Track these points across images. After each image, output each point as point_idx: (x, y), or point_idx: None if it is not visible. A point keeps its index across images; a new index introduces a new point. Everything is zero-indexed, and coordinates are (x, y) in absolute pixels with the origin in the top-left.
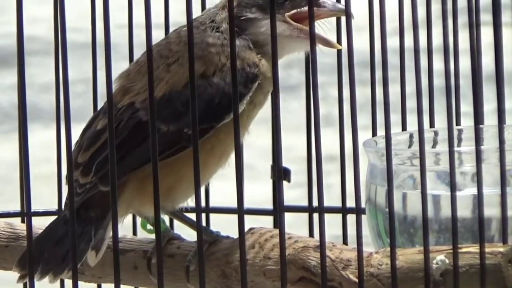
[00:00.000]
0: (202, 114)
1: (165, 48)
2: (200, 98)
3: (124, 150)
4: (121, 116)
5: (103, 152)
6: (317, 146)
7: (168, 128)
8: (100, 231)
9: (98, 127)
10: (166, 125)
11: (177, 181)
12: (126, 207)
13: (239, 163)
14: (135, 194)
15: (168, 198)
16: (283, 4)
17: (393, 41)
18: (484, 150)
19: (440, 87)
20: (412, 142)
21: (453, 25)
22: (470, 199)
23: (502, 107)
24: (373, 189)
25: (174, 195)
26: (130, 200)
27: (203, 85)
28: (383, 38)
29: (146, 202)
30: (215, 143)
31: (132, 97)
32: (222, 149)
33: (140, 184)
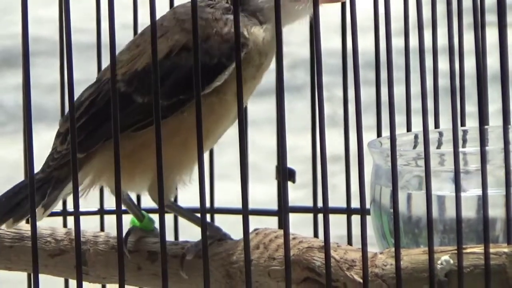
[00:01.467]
0: (179, 85)
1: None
2: (179, 69)
3: (98, 120)
4: (102, 87)
5: (81, 119)
6: (322, 147)
7: (143, 100)
8: (55, 192)
9: (82, 98)
10: (142, 97)
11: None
12: (94, 178)
13: (244, 163)
14: (106, 166)
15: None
16: None
17: (398, 42)
18: (489, 151)
19: (445, 88)
20: (417, 143)
21: (458, 25)
22: (474, 200)
23: (507, 108)
24: (378, 189)
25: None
26: (99, 171)
27: (184, 56)
28: (388, 39)
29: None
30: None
31: (117, 69)
32: (205, 127)
33: (111, 157)
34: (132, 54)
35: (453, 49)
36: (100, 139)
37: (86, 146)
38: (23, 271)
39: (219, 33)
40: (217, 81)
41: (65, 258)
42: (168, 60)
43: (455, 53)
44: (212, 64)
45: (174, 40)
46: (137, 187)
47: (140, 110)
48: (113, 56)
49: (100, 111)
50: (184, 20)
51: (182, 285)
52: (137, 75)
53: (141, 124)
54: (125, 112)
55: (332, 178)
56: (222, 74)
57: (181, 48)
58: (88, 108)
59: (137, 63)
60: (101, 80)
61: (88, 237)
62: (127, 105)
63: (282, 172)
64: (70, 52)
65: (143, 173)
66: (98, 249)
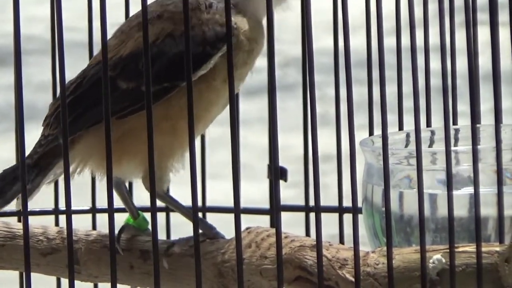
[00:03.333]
0: (164, 72)
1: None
2: (164, 56)
3: (83, 104)
4: (88, 72)
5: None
6: (314, 145)
7: (128, 86)
8: (38, 178)
9: (71, 81)
10: (126, 82)
11: (146, 152)
12: (79, 163)
13: (236, 161)
14: (91, 152)
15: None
16: None
17: (390, 41)
18: (480, 150)
19: (437, 87)
20: (408, 141)
21: (450, 24)
22: (466, 199)
23: (498, 107)
24: (370, 188)
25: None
26: (84, 156)
27: (169, 43)
28: (380, 38)
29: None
30: (183, 106)
31: None
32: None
33: (98, 143)
34: (119, 40)
35: (445, 48)
36: (84, 124)
37: (71, 131)
38: (15, 269)
39: (203, 22)
40: (202, 69)
41: (57, 257)
42: (153, 46)
43: (447, 52)
44: (197, 53)
45: (160, 28)
46: (126, 174)
47: (124, 96)
48: (105, 55)
49: (85, 94)
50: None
51: (174, 283)
52: (122, 61)
53: (126, 111)
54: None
55: (324, 178)
56: (207, 63)
57: (166, 35)
58: (73, 91)
59: (122, 49)
60: (90, 64)
61: (80, 235)
62: (112, 91)
63: (274, 171)
64: (62, 50)
65: (131, 160)
66: (90, 248)
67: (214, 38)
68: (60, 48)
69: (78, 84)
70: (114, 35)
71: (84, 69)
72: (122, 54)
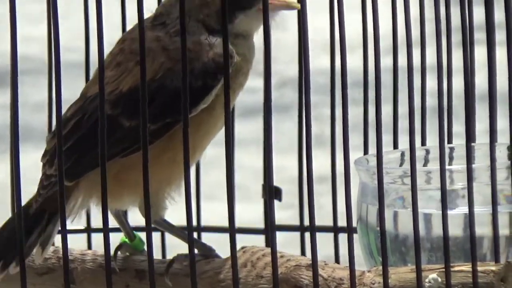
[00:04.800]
0: (166, 107)
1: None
2: (164, 91)
3: (86, 145)
4: (87, 107)
5: (67, 142)
6: (309, 165)
7: (130, 124)
8: (49, 226)
9: (67, 114)
10: (129, 120)
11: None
12: (83, 200)
13: (230, 179)
14: (95, 188)
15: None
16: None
17: (387, 61)
18: (475, 169)
19: (432, 107)
20: (403, 160)
21: (446, 44)
22: (461, 218)
23: (494, 127)
24: (364, 208)
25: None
26: (88, 193)
27: (169, 77)
28: (377, 57)
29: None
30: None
31: None
32: (192, 144)
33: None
34: (116, 71)
35: (442, 67)
36: (88, 167)
37: (74, 174)
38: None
39: (203, 55)
40: (203, 103)
41: (53, 276)
42: (154, 82)
43: (443, 72)
44: (198, 86)
45: (159, 62)
46: (126, 205)
47: (127, 135)
48: (101, 75)
49: (87, 135)
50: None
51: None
52: (123, 97)
53: (129, 150)
54: (113, 139)
55: (319, 198)
56: (208, 95)
57: (166, 70)
58: (74, 129)
59: (122, 83)
60: (85, 96)
61: (75, 255)
62: (115, 130)
63: (268, 190)
64: (58, 71)
65: (132, 193)
66: (85, 267)
67: (215, 69)
68: (57, 68)
69: (78, 121)
70: (109, 64)
71: (82, 103)
72: (122, 90)
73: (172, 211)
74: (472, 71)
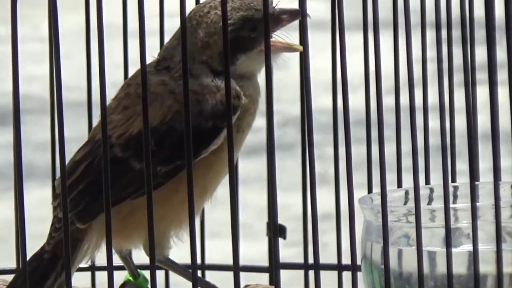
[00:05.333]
0: (176, 150)
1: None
2: (174, 134)
3: (97, 189)
4: (97, 151)
5: (78, 185)
6: (313, 203)
7: (141, 165)
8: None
9: (76, 158)
10: (139, 162)
11: (156, 223)
12: (97, 241)
13: (235, 218)
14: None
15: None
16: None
17: (389, 100)
18: (479, 207)
19: (436, 146)
20: (407, 199)
21: (448, 83)
22: (465, 256)
23: (497, 165)
24: (369, 246)
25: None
26: (101, 235)
27: (178, 120)
28: (379, 97)
29: (120, 241)
30: (194, 180)
31: (110, 130)
32: (202, 185)
33: (113, 222)
34: (124, 115)
35: (444, 107)
36: (100, 209)
37: (86, 217)
38: None
39: (212, 97)
40: (214, 144)
41: None
42: (163, 125)
43: (446, 111)
44: (208, 128)
45: (167, 105)
46: (135, 245)
47: (138, 176)
48: (103, 114)
49: (97, 179)
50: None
51: None
52: (133, 140)
53: (140, 192)
54: (123, 180)
55: (323, 236)
56: (218, 137)
57: (175, 113)
58: (84, 174)
59: (131, 126)
60: (94, 140)
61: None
62: (125, 172)
63: (273, 228)
64: (60, 110)
65: (142, 234)
66: None
67: (223, 111)
68: (59, 107)
69: (88, 164)
70: (116, 107)
71: (91, 146)
72: (132, 132)
73: (177, 249)
74: (475, 110)
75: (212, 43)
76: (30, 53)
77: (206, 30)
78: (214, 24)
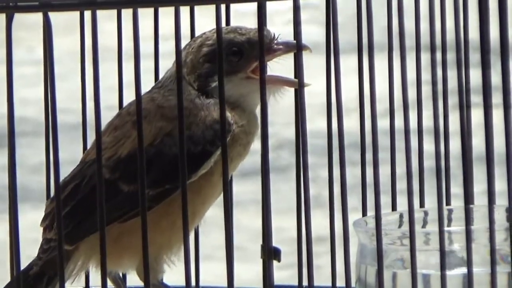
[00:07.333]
0: (165, 173)
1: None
2: (163, 157)
3: (85, 210)
4: (85, 172)
5: (65, 207)
6: (307, 226)
7: (129, 188)
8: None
9: (66, 179)
10: (127, 185)
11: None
12: (83, 262)
13: (229, 240)
14: (95, 250)
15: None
16: (241, 62)
17: (384, 123)
18: (474, 230)
19: (430, 168)
20: (402, 222)
21: (443, 106)
22: (460, 279)
23: (492, 189)
24: (363, 269)
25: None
26: (88, 255)
27: (168, 143)
28: (374, 120)
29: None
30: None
31: None
32: (191, 209)
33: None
34: (114, 137)
35: (439, 130)
36: (88, 231)
37: (74, 237)
38: None
39: (201, 120)
40: (203, 168)
41: None
42: (152, 147)
43: (440, 134)
44: (197, 151)
45: (158, 127)
46: (125, 268)
47: (126, 200)
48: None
49: (85, 200)
50: (164, 107)
51: None
52: (121, 163)
53: (128, 215)
54: (111, 203)
55: (318, 259)
56: (207, 161)
57: (164, 135)
58: (72, 194)
59: (120, 149)
60: (84, 161)
61: None
62: (113, 195)
63: (267, 250)
64: (55, 132)
65: (132, 257)
66: None
67: (213, 136)
68: (54, 130)
69: (76, 186)
70: (107, 129)
71: (80, 167)
72: (121, 155)
73: (171, 272)
74: (469, 133)
75: (188, 62)
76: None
77: (191, 55)
78: (194, 44)
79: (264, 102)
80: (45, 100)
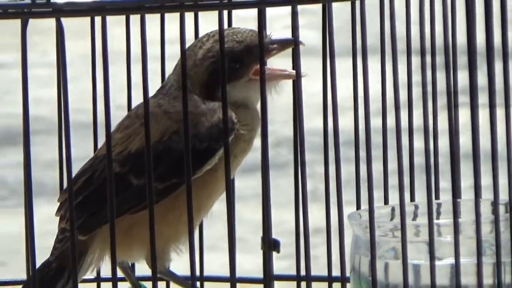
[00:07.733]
0: (172, 168)
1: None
2: (170, 153)
3: (98, 201)
4: (97, 166)
5: (77, 197)
6: (305, 219)
7: (138, 182)
8: (70, 282)
9: (78, 172)
10: (137, 178)
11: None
12: (100, 253)
13: (231, 232)
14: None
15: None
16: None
17: (376, 121)
18: (461, 223)
19: (420, 165)
20: (394, 215)
21: (432, 106)
22: (448, 268)
23: (478, 183)
24: (357, 259)
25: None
26: (104, 247)
27: (175, 140)
28: (367, 119)
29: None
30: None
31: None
32: (197, 203)
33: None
34: (124, 134)
35: (428, 128)
36: (100, 222)
37: (88, 228)
38: None
39: (207, 119)
40: (208, 164)
41: None
42: (160, 144)
43: (430, 132)
44: (202, 148)
45: (165, 126)
46: (134, 258)
47: (135, 192)
48: (108, 135)
49: (98, 191)
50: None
51: None
52: (131, 157)
53: (138, 207)
54: (122, 196)
55: (314, 250)
56: (212, 158)
57: (172, 133)
58: (85, 186)
59: (130, 144)
60: (96, 156)
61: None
62: (123, 188)
63: (267, 242)
64: (68, 131)
65: (140, 247)
66: None
67: (218, 134)
68: (66, 129)
69: (88, 178)
70: (117, 128)
71: (92, 162)
72: (131, 150)
73: (177, 261)
74: (457, 131)
75: (192, 74)
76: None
77: (191, 63)
78: (195, 57)
79: (264, 103)
80: (58, 100)
